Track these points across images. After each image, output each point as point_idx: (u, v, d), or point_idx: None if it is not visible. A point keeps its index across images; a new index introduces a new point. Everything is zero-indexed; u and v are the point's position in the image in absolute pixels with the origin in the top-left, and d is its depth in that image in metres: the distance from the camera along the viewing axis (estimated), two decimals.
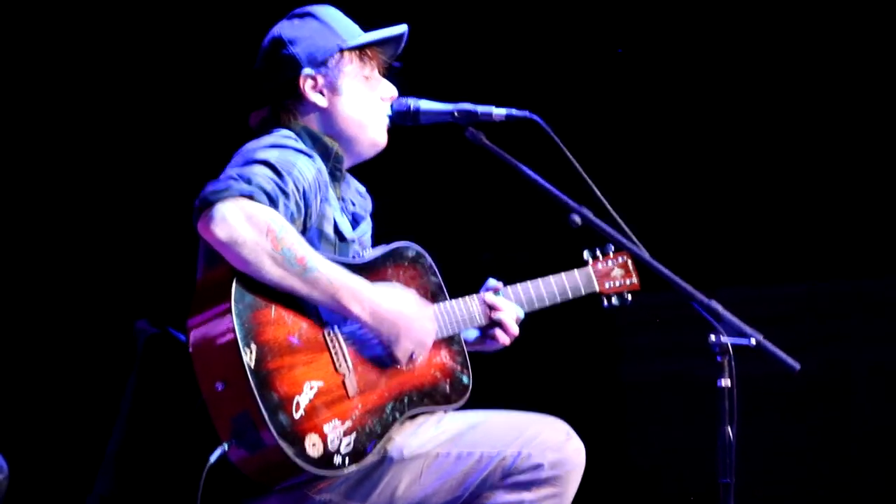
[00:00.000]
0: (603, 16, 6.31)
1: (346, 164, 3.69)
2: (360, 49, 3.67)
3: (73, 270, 5.66)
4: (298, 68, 3.62)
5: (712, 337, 3.24)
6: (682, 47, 6.33)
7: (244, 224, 3.27)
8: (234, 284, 3.27)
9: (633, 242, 3.42)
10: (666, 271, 3.33)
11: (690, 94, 6.37)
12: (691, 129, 6.39)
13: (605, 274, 4.05)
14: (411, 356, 3.49)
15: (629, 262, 4.07)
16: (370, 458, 3.40)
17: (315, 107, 3.65)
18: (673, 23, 6.31)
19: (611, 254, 4.06)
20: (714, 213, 6.42)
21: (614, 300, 4.07)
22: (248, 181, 3.32)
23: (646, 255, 3.41)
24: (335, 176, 3.63)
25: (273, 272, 3.29)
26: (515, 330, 3.77)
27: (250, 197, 3.29)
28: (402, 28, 3.71)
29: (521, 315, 3.81)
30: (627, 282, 4.08)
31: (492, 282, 3.82)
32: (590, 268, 4.03)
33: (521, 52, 6.24)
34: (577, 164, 3.47)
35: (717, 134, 6.39)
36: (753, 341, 3.23)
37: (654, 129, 6.41)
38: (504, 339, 3.77)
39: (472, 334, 3.80)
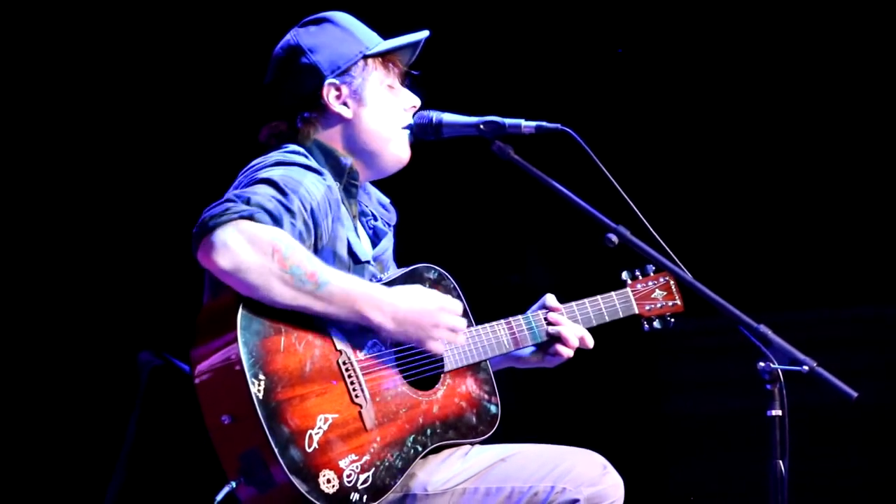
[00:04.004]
0: (642, 27, 6.20)
1: (366, 178, 3.57)
2: (384, 56, 3.52)
3: (73, 299, 5.56)
4: (321, 78, 3.46)
5: (761, 364, 3.09)
6: (733, 66, 6.21)
7: (247, 248, 3.11)
8: (239, 311, 3.13)
9: (673, 263, 3.27)
10: (710, 293, 3.18)
11: (740, 111, 6.24)
12: (737, 140, 6.25)
13: (645, 295, 3.90)
14: (444, 348, 3.37)
15: (672, 282, 3.92)
16: (390, 496, 3.25)
17: (339, 119, 3.50)
18: (725, 41, 6.19)
19: (651, 274, 3.92)
20: (761, 231, 6.26)
21: (656, 323, 3.92)
22: (247, 201, 3.16)
23: (688, 276, 3.26)
24: (350, 192, 3.47)
25: (284, 294, 3.13)
26: (576, 342, 3.64)
27: (250, 217, 3.13)
28: (424, 33, 3.57)
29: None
30: (670, 303, 3.92)
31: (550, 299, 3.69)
32: (628, 289, 3.89)
33: (551, 62, 6.13)
34: (613, 180, 3.33)
35: (767, 145, 6.25)
36: (806, 368, 3.07)
37: (699, 141, 6.27)
38: (567, 352, 3.65)
39: (529, 350, 3.68)
